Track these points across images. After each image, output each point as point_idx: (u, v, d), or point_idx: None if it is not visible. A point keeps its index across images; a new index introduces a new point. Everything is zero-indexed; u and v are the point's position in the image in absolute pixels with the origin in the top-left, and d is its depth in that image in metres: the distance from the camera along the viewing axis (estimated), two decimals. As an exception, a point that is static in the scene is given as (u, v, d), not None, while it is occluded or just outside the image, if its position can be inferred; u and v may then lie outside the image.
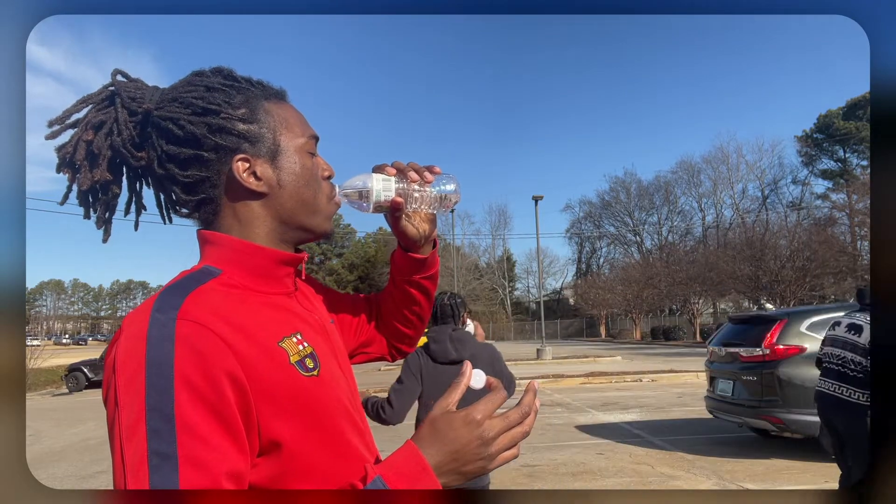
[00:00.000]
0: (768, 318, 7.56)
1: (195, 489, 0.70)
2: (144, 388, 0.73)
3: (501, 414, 0.84)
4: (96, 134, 0.93)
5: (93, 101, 0.96)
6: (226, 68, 0.98)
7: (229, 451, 0.75)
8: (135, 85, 0.97)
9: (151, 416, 0.72)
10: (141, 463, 0.70)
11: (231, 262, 0.91)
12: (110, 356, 0.79)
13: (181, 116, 0.91)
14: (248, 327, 0.83)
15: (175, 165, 0.92)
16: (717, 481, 6.16)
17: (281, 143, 0.94)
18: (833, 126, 53.09)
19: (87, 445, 9.96)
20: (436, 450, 0.80)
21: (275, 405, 0.81)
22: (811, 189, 56.56)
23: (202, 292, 0.83)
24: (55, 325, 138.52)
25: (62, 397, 19.76)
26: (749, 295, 33.78)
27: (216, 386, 0.76)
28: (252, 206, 0.93)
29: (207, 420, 0.74)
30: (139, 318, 0.79)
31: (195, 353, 0.76)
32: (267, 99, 0.97)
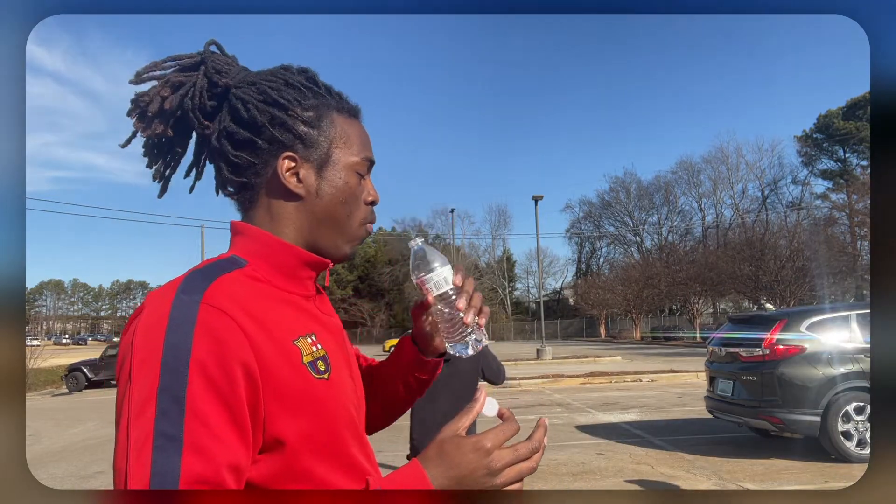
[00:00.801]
0: (768, 318, 7.56)
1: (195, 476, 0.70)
2: (159, 368, 0.73)
3: (511, 446, 0.82)
4: (173, 93, 0.95)
5: (180, 62, 0.97)
6: (312, 71, 0.99)
7: (233, 443, 0.74)
8: (224, 60, 0.98)
9: (162, 396, 0.72)
10: (146, 442, 0.70)
11: (258, 255, 0.91)
12: (128, 332, 0.79)
13: (252, 100, 0.92)
14: (267, 321, 0.82)
15: (229, 143, 0.93)
16: (717, 481, 6.16)
17: (332, 155, 0.95)
18: (833, 126, 53.08)
19: (86, 445, 9.96)
20: (440, 472, 0.79)
21: (283, 402, 0.81)
22: (811, 189, 56.64)
23: (227, 280, 0.83)
24: (55, 325, 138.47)
25: (62, 397, 19.76)
26: (749, 295, 33.79)
27: (230, 376, 0.75)
28: (286, 206, 0.94)
29: (217, 409, 0.74)
30: (163, 297, 0.79)
31: (214, 339, 0.75)
32: (338, 111, 0.97)
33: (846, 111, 52.64)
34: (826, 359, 6.81)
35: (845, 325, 7.01)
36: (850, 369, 6.72)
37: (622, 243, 69.19)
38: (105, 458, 8.73)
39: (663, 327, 46.56)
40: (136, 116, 0.96)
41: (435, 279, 0.96)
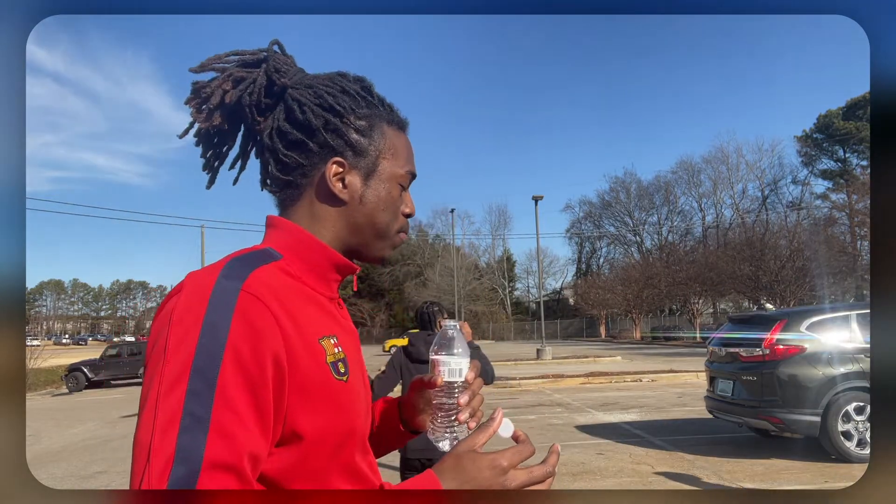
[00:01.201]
0: (768, 318, 7.56)
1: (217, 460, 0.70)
2: (195, 348, 0.74)
3: (527, 468, 0.84)
4: (234, 87, 0.97)
5: (243, 58, 0.99)
6: (367, 80, 1.01)
7: (255, 432, 0.75)
8: (285, 60, 1.00)
9: (195, 377, 0.72)
10: (174, 420, 0.71)
11: (293, 250, 0.92)
12: (165, 310, 0.79)
13: (308, 103, 0.95)
14: (298, 317, 0.83)
15: (281, 142, 0.95)
16: (717, 481, 6.16)
17: (379, 165, 0.97)
18: (833, 126, 53.08)
19: (86, 445, 9.96)
20: (456, 485, 0.81)
21: (305, 397, 0.81)
22: (811, 189, 56.63)
23: (267, 271, 0.84)
24: (55, 325, 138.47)
25: (62, 397, 19.76)
26: (749, 295, 33.78)
27: (261, 365, 0.76)
28: (328, 209, 0.95)
29: (245, 396, 0.74)
30: (205, 279, 0.80)
31: (250, 327, 0.76)
32: (389, 123, 0.99)
33: (846, 111, 52.64)
34: (826, 359, 6.81)
35: (845, 325, 7.01)
36: (850, 369, 6.72)
37: (622, 243, 69.25)
38: (105, 458, 8.73)
39: (663, 327, 46.55)
40: (195, 107, 0.98)
41: (452, 366, 0.97)
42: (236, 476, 0.72)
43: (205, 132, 1.01)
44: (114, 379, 22.69)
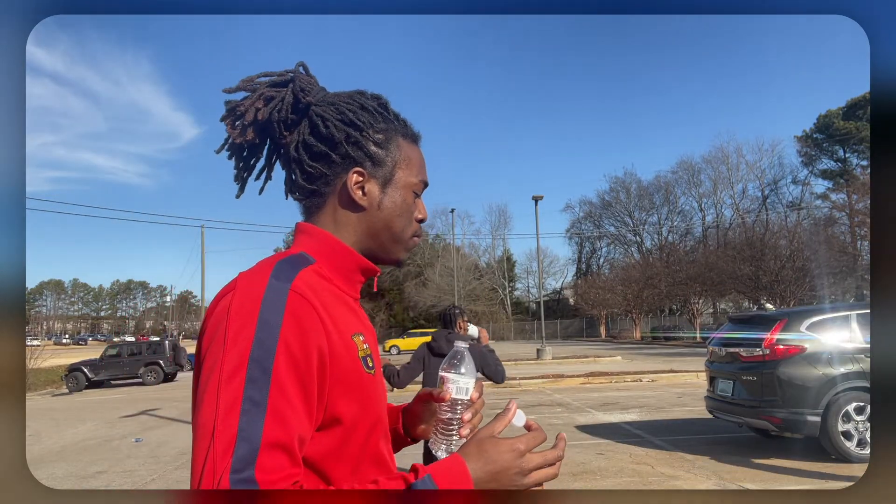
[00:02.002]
0: (768, 318, 7.56)
1: (273, 440, 0.79)
2: (252, 341, 0.83)
3: (541, 451, 0.93)
4: (265, 105, 1.07)
5: (272, 79, 1.10)
6: (384, 98, 1.11)
7: (303, 416, 0.84)
8: (308, 80, 1.10)
9: (253, 366, 0.82)
10: (235, 404, 0.80)
11: (324, 255, 1.02)
12: (221, 306, 0.89)
13: (331, 118, 1.04)
14: (335, 315, 0.93)
15: (307, 154, 1.05)
16: (717, 481, 6.16)
17: (395, 175, 1.06)
18: (833, 126, 53.04)
19: (86, 445, 9.96)
20: (479, 466, 0.88)
21: (343, 387, 0.92)
22: (811, 189, 56.57)
23: (308, 273, 0.95)
24: (55, 325, 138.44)
25: (62, 397, 19.75)
26: (749, 295, 33.76)
27: (308, 357, 0.86)
28: (350, 215, 1.05)
29: (295, 384, 0.84)
30: (257, 279, 0.90)
31: (299, 324, 0.86)
32: (403, 136, 1.09)
33: (846, 111, 52.61)
34: (826, 359, 6.81)
35: (845, 325, 7.01)
36: (850, 369, 6.71)
37: (622, 243, 69.19)
38: (105, 458, 8.73)
39: (663, 327, 46.52)
40: (230, 124, 1.08)
41: (460, 384, 1.04)
42: (288, 455, 0.81)
43: (237, 146, 1.11)
44: (114, 379, 22.69)
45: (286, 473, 0.80)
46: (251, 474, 0.77)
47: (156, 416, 13.21)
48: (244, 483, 0.76)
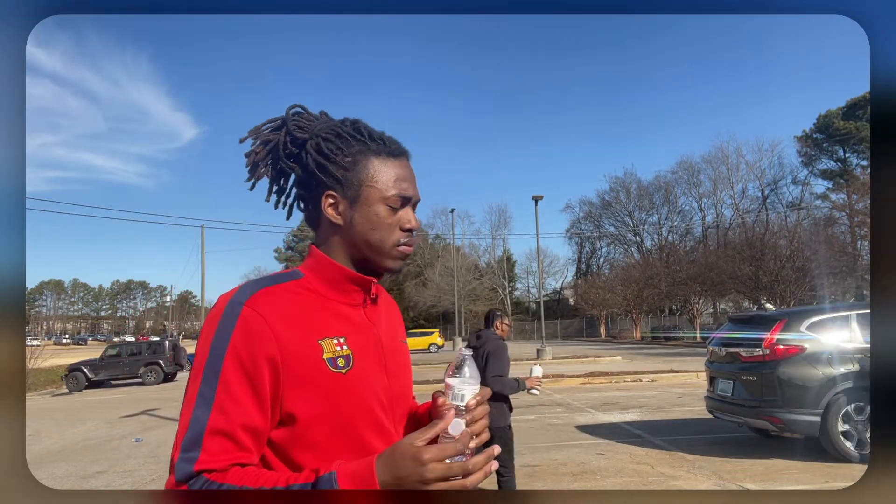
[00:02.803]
0: (768, 318, 7.55)
1: (216, 428, 0.97)
2: (209, 349, 1.02)
3: (448, 463, 0.94)
4: (264, 147, 1.22)
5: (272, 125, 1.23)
6: (361, 123, 1.21)
7: (251, 410, 1.00)
8: (307, 117, 1.24)
9: (208, 369, 1.01)
10: (192, 398, 1.00)
11: (313, 270, 1.16)
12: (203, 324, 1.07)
13: (311, 151, 1.17)
14: (298, 323, 1.06)
15: (297, 185, 1.22)
16: (717, 481, 6.16)
17: (363, 193, 1.15)
18: (833, 126, 53.04)
19: (86, 445, 9.96)
20: (385, 470, 0.93)
21: (298, 387, 1.04)
22: (811, 189, 56.54)
23: (276, 290, 1.08)
24: (55, 325, 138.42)
25: (62, 397, 19.75)
26: (749, 295, 33.76)
27: (256, 363, 1.01)
28: (332, 233, 1.18)
29: (242, 384, 1.00)
30: (224, 298, 1.07)
31: (248, 334, 1.01)
32: (377, 155, 1.17)
33: (846, 111, 52.61)
34: (826, 359, 6.80)
35: (845, 325, 7.00)
36: (850, 369, 6.71)
37: (622, 243, 69.18)
38: (105, 458, 8.73)
39: (663, 327, 46.52)
40: (249, 168, 1.23)
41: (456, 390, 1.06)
42: (233, 441, 0.98)
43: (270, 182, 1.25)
44: (114, 379, 22.68)
45: (230, 456, 0.98)
46: (196, 455, 0.96)
47: (156, 416, 13.20)
48: (188, 461, 0.95)
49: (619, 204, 67.10)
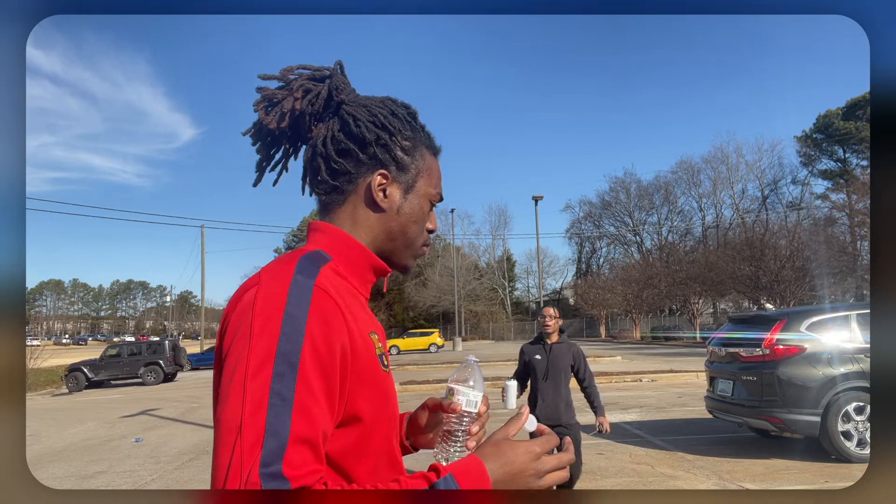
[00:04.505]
0: (768, 318, 7.55)
1: (300, 436, 0.80)
2: (278, 336, 0.83)
3: (556, 454, 0.95)
4: (303, 97, 1.08)
5: (312, 72, 1.11)
6: (413, 108, 1.14)
7: (327, 412, 0.85)
8: (343, 80, 1.12)
9: (279, 360, 0.82)
10: (262, 399, 0.80)
11: (339, 252, 1.03)
12: (244, 300, 0.89)
13: (363, 118, 1.05)
14: (355, 312, 0.95)
15: (334, 150, 1.05)
16: (717, 481, 6.16)
17: (417, 183, 1.09)
18: (833, 126, 53.00)
19: (86, 445, 9.95)
20: (497, 467, 0.89)
21: (362, 384, 0.93)
22: (811, 189, 56.49)
23: (328, 270, 0.96)
24: (55, 325, 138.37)
25: (62, 397, 19.75)
26: (749, 295, 33.75)
27: (332, 353, 0.87)
28: (370, 215, 1.06)
29: (319, 380, 0.84)
30: (282, 274, 0.90)
31: (324, 319, 0.87)
32: (428, 147, 1.12)
33: (846, 111, 52.57)
34: (826, 359, 6.80)
35: (845, 325, 7.00)
36: (850, 369, 6.71)
37: (622, 243, 69.12)
38: (105, 458, 8.73)
39: (663, 327, 46.50)
40: (263, 110, 1.08)
41: (470, 397, 1.06)
42: (313, 450, 0.81)
43: (265, 133, 1.11)
44: (114, 379, 22.69)
45: (311, 469, 0.81)
46: (279, 469, 0.77)
47: (156, 416, 13.20)
48: (273, 477, 0.76)
49: (619, 204, 67.08)
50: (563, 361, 5.04)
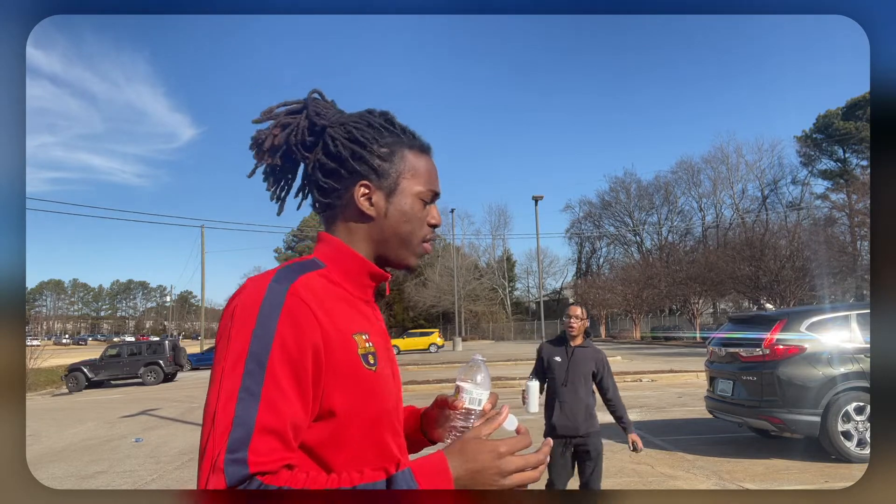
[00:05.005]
0: (768, 318, 7.55)
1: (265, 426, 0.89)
2: (251, 337, 0.93)
3: (523, 455, 0.95)
4: (282, 131, 1.16)
5: (289, 107, 1.19)
6: (390, 114, 1.19)
7: (297, 406, 0.93)
8: (325, 104, 1.20)
9: (251, 359, 0.92)
10: (233, 393, 0.90)
11: (333, 260, 1.11)
12: (230, 306, 0.99)
13: (340, 138, 1.13)
14: (335, 315, 1.01)
15: (320, 172, 1.14)
16: (717, 481, 6.16)
17: (400, 185, 1.14)
18: (833, 126, 52.98)
19: (86, 445, 9.95)
20: (459, 464, 0.92)
21: (338, 381, 0.99)
22: (811, 189, 56.48)
23: (310, 277, 1.03)
24: (55, 325, 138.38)
25: (62, 397, 19.75)
26: (749, 295, 33.74)
27: (302, 352, 0.94)
28: (360, 224, 1.14)
29: (289, 377, 0.93)
30: (260, 283, 0.99)
31: (294, 322, 0.95)
32: (410, 148, 1.16)
33: (846, 111, 52.56)
34: (826, 359, 6.80)
35: (845, 325, 7.00)
36: (850, 369, 6.71)
37: (622, 243, 69.11)
38: (105, 458, 8.73)
39: (663, 327, 46.50)
40: (255, 151, 1.17)
41: (473, 395, 1.09)
42: (281, 440, 0.91)
43: (270, 170, 1.20)
44: (114, 379, 22.69)
45: (278, 456, 0.90)
46: (244, 455, 0.87)
47: (156, 416, 13.20)
48: (235, 462, 0.86)
49: (619, 204, 67.07)
50: (584, 367, 4.60)
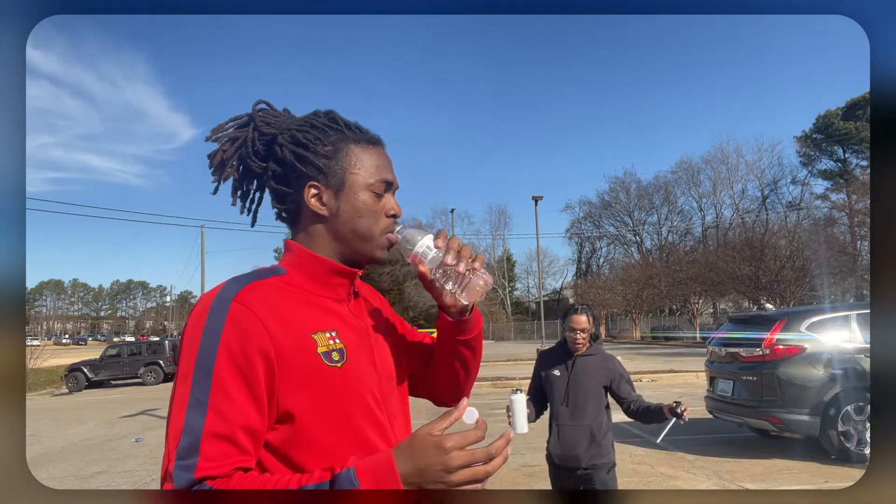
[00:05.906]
0: (768, 318, 7.55)
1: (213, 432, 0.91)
2: (198, 347, 0.96)
3: (470, 450, 0.91)
4: (231, 146, 1.18)
5: (236, 122, 1.20)
6: (333, 112, 1.19)
7: (249, 410, 0.95)
8: (273, 113, 1.21)
9: (198, 368, 0.95)
10: (183, 401, 0.94)
11: (295, 266, 1.13)
12: (185, 323, 1.02)
13: (285, 143, 1.14)
14: (288, 318, 1.02)
15: (273, 179, 1.16)
16: (717, 481, 6.16)
17: (348, 180, 1.13)
18: (833, 126, 52.97)
19: (86, 445, 9.95)
20: (406, 461, 0.90)
21: (294, 383, 1.00)
22: (811, 189, 56.47)
23: (261, 284, 1.05)
24: (55, 325, 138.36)
25: (62, 397, 19.75)
26: (749, 295, 33.74)
27: (249, 358, 0.96)
28: (317, 225, 1.14)
29: (237, 382, 0.95)
30: (208, 296, 1.02)
31: (239, 329, 0.96)
32: (356, 143, 1.16)
33: (846, 111, 52.55)
34: (826, 359, 6.80)
35: (845, 325, 7.00)
36: (850, 369, 6.71)
37: (622, 243, 69.10)
38: (105, 458, 8.73)
39: (663, 327, 46.50)
40: (212, 170, 1.18)
41: (420, 251, 1.11)
42: (233, 444, 0.93)
43: (235, 185, 1.21)
44: (114, 379, 22.68)
45: (231, 461, 0.92)
46: (194, 461, 0.89)
47: (156, 416, 13.20)
48: (182, 469, 0.89)
49: (618, 204, 67.04)
50: (591, 381, 3.69)
